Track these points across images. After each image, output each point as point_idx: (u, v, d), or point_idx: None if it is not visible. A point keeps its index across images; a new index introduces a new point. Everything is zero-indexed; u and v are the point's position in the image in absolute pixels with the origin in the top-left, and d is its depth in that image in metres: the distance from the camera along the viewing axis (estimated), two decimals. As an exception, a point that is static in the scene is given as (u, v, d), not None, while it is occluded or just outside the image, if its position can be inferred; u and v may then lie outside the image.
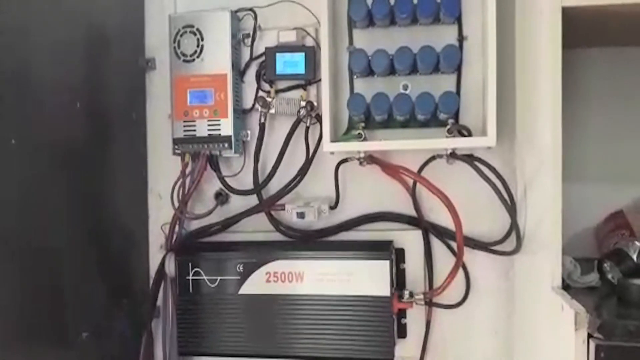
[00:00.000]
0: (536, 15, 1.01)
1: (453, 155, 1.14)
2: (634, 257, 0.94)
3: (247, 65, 1.30)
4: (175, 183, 1.29)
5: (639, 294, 0.86)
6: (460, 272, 1.22)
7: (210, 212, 1.31)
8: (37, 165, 1.00)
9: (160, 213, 1.36)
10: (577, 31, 0.95)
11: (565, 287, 0.92)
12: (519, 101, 1.17)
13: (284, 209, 1.25)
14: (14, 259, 0.94)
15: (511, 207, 1.14)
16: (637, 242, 0.95)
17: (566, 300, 0.83)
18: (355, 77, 1.19)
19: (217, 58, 1.25)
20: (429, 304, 1.25)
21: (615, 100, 1.25)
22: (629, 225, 1.15)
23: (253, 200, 1.29)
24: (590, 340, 0.77)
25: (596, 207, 1.23)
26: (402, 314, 1.25)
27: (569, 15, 0.90)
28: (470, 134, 1.13)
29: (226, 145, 1.25)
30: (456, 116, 1.15)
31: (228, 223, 1.32)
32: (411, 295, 1.20)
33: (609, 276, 0.96)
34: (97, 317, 1.17)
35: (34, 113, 0.99)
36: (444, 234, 1.25)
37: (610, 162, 1.25)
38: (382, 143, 1.16)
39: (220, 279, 1.24)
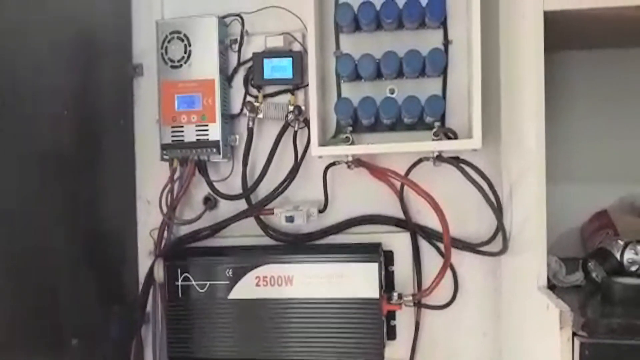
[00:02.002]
0: (519, 19, 1.03)
1: (439, 158, 1.15)
2: (618, 256, 0.95)
3: (235, 70, 1.31)
4: (164, 188, 1.29)
5: (623, 292, 0.87)
6: (448, 273, 1.23)
7: (199, 217, 1.31)
8: (25, 172, 1.00)
9: (148, 219, 1.35)
10: (560, 34, 0.97)
11: (551, 286, 0.93)
12: (504, 104, 1.19)
13: (272, 213, 1.26)
14: (3, 266, 0.93)
15: (497, 208, 1.15)
16: (620, 241, 0.97)
17: (551, 300, 0.85)
18: (342, 81, 1.20)
19: (205, 63, 1.25)
20: (418, 305, 1.26)
21: (598, 101, 1.26)
22: (613, 225, 1.17)
23: (242, 204, 1.29)
24: (575, 338, 0.78)
25: (581, 207, 1.25)
26: (391, 315, 1.26)
27: (551, 19, 0.91)
28: (456, 137, 1.14)
29: (214, 150, 1.25)
30: (442, 119, 1.16)
31: (217, 228, 1.32)
32: (400, 297, 1.20)
33: (594, 275, 0.97)
34: (87, 323, 1.16)
35: (20, 120, 0.99)
36: (431, 236, 1.26)
37: (595, 163, 1.27)
38: (369, 146, 1.17)
39: (210, 284, 1.24)
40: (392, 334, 1.27)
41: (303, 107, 1.26)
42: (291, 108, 1.26)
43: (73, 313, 1.12)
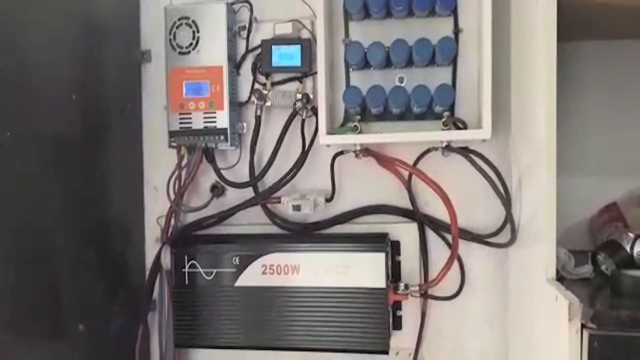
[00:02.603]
0: (531, 8, 1.01)
1: (448, 148, 1.15)
2: (627, 248, 0.94)
3: (243, 57, 1.30)
4: (171, 175, 1.29)
5: (632, 284, 0.86)
6: (455, 264, 1.23)
7: (206, 205, 1.31)
8: (33, 157, 1.00)
9: (156, 206, 1.35)
10: (572, 24, 0.95)
11: (560, 278, 0.93)
12: (514, 94, 1.18)
13: (280, 202, 1.26)
14: (10, 252, 0.94)
15: (506, 199, 1.14)
16: (630, 234, 0.96)
17: (560, 291, 0.84)
18: (351, 69, 1.19)
19: (213, 50, 1.25)
20: (424, 296, 1.26)
21: (609, 93, 1.25)
22: (623, 217, 1.16)
23: (249, 192, 1.29)
24: (584, 330, 0.78)
25: (590, 199, 1.24)
26: (397, 306, 1.26)
27: (564, 8, 0.90)
28: (465, 127, 1.13)
29: (222, 137, 1.25)
30: (452, 109, 1.15)
31: (224, 216, 1.32)
32: (406, 287, 1.20)
33: (603, 267, 0.96)
34: (94, 310, 1.17)
35: (29, 105, 0.99)
36: (439, 227, 1.26)
37: (605, 155, 1.26)
38: (377, 136, 1.17)
39: (216, 272, 1.25)
40: (398, 324, 1.27)
41: (311, 95, 1.25)
42: (299, 96, 1.25)
43: (80, 300, 1.12)
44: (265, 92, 1.27)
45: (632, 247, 0.94)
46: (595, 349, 0.77)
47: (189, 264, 1.26)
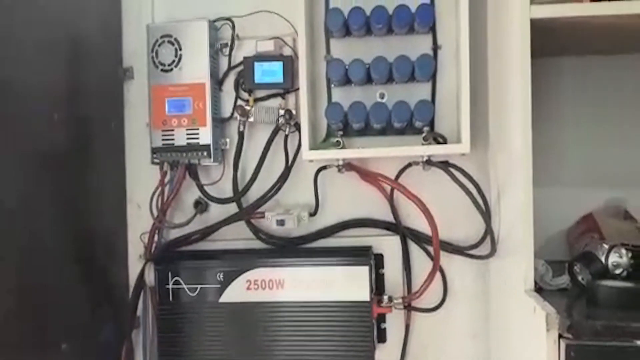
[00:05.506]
0: (507, 26, 1.04)
1: (429, 162, 1.16)
2: (602, 259, 0.96)
3: (226, 74, 1.31)
4: (154, 192, 1.29)
5: (607, 294, 0.88)
6: (438, 276, 1.24)
7: (189, 221, 1.31)
8: (15, 176, 1.00)
9: (139, 222, 1.35)
10: (547, 41, 0.98)
11: (538, 289, 0.95)
12: (492, 108, 1.20)
13: (263, 217, 1.26)
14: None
15: (485, 212, 1.16)
16: (605, 245, 0.98)
17: (538, 302, 0.86)
18: (332, 86, 1.21)
19: (195, 67, 1.26)
20: (408, 308, 1.27)
21: (585, 107, 1.28)
22: (599, 228, 1.18)
23: (232, 208, 1.29)
24: (561, 340, 0.80)
25: (568, 211, 1.26)
26: (381, 318, 1.27)
27: (538, 26, 0.93)
28: (445, 141, 1.15)
29: (205, 153, 1.26)
30: (431, 124, 1.17)
31: (207, 231, 1.33)
32: (390, 299, 1.22)
33: (579, 278, 0.98)
34: (77, 328, 1.16)
35: (11, 124, 0.99)
36: (421, 239, 1.27)
37: (581, 167, 1.28)
38: (359, 150, 1.18)
39: (201, 288, 1.25)
40: (382, 337, 1.28)
41: (294, 111, 1.27)
42: (282, 112, 1.26)
43: (63, 317, 1.11)
44: (248, 108, 1.28)
45: (606, 258, 0.96)
46: (572, 359, 0.79)
47: (173, 280, 1.26)
